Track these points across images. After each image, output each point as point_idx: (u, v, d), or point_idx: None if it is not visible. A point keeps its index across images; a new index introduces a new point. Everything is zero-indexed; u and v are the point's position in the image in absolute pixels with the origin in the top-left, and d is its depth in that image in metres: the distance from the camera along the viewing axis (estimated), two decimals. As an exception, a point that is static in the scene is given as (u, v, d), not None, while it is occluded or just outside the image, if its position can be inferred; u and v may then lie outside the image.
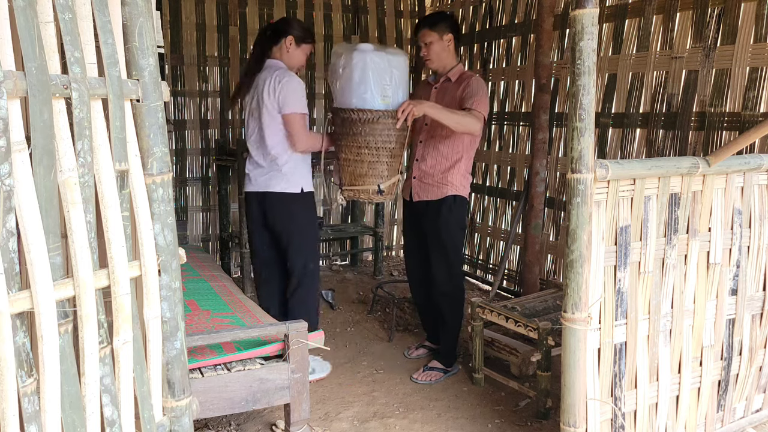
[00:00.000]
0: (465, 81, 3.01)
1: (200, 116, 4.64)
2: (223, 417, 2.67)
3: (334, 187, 2.97)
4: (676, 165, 2.10)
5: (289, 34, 2.94)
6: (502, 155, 4.44)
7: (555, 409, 2.61)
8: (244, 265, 4.16)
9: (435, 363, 3.17)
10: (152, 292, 1.41)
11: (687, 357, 2.25)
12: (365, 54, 2.73)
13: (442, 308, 3.13)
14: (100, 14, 1.25)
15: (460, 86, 3.00)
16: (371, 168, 2.78)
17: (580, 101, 1.82)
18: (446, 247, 3.05)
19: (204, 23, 4.53)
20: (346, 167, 2.84)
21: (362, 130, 2.72)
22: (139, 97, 1.36)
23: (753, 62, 2.78)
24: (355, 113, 2.71)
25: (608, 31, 3.50)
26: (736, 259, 2.33)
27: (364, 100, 2.71)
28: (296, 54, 2.98)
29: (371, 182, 2.80)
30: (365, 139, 2.73)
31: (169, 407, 1.49)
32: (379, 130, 2.72)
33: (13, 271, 1.08)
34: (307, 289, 3.01)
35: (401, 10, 5.30)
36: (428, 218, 3.08)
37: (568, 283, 1.92)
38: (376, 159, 2.77)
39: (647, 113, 3.29)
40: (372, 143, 2.74)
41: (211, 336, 2.23)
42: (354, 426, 2.67)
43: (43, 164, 1.12)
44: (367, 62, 2.72)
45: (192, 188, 4.70)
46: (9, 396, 1.08)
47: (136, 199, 1.36)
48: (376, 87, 2.72)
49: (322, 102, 5.06)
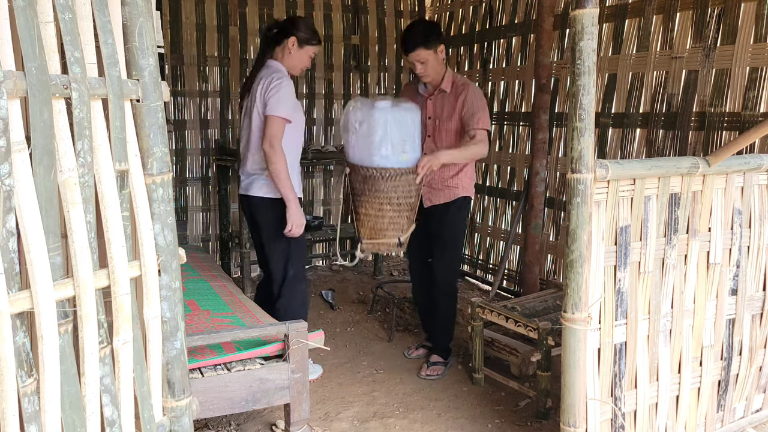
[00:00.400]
0: (461, 92, 2.98)
1: (200, 116, 4.64)
2: (223, 417, 2.67)
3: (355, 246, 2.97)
4: (676, 165, 2.09)
5: (292, 35, 2.88)
6: (502, 155, 4.44)
7: (555, 409, 2.61)
8: (244, 265, 4.16)
9: (436, 358, 3.22)
10: (152, 292, 1.41)
11: (687, 357, 2.25)
12: (386, 112, 2.75)
13: (442, 304, 3.17)
14: (100, 14, 1.25)
15: (458, 97, 2.98)
16: (392, 222, 2.83)
17: (580, 101, 1.82)
18: (453, 244, 3.12)
19: (204, 23, 4.53)
20: (365, 222, 2.86)
21: (384, 187, 2.76)
22: (139, 97, 1.36)
23: (753, 62, 2.78)
24: (378, 171, 2.74)
25: (608, 31, 3.50)
26: (736, 259, 2.33)
27: (386, 158, 2.75)
28: (298, 55, 2.91)
29: (392, 236, 2.85)
30: (387, 196, 2.77)
31: (169, 407, 1.49)
32: (401, 187, 2.78)
33: (13, 271, 1.08)
34: (288, 299, 2.94)
35: (401, 10, 5.30)
36: (435, 219, 3.12)
37: (568, 283, 1.92)
38: (398, 213, 2.82)
39: (647, 113, 3.29)
40: (394, 199, 2.79)
41: (211, 336, 2.23)
42: (354, 426, 2.67)
43: (43, 164, 1.12)
44: (389, 120, 2.74)
45: (192, 188, 4.70)
46: (9, 396, 1.08)
47: (136, 199, 1.36)
48: (397, 145, 2.76)
49: (322, 102, 5.07)
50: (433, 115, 3.06)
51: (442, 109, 3.04)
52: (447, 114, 3.01)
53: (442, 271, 3.12)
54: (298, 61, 2.93)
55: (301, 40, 2.89)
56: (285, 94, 2.77)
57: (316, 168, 5.09)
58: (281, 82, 2.78)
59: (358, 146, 2.81)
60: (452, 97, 3.01)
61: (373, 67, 5.24)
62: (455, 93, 3.00)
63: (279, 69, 2.87)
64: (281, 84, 2.77)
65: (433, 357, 3.24)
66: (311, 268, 5.19)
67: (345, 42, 5.08)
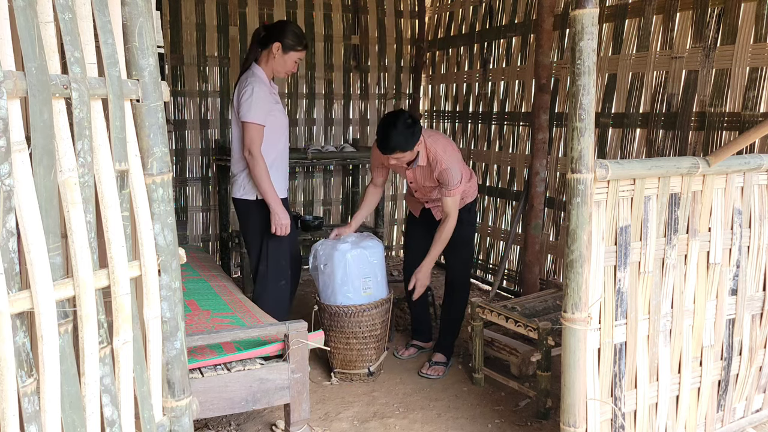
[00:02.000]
0: (436, 166, 3.00)
1: (200, 116, 4.64)
2: (223, 417, 2.67)
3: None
4: (676, 165, 2.09)
5: (277, 41, 2.93)
6: (502, 155, 4.44)
7: (555, 409, 2.61)
8: (244, 265, 4.16)
9: (440, 357, 3.23)
10: (152, 292, 1.41)
11: (687, 357, 2.25)
12: (345, 254, 2.97)
13: (456, 303, 3.24)
14: (100, 14, 1.25)
15: (434, 169, 3.02)
16: (360, 355, 3.06)
17: (580, 101, 1.82)
18: (468, 242, 3.26)
19: (204, 23, 4.53)
20: (336, 354, 3.08)
21: (349, 323, 2.99)
22: (139, 97, 1.36)
23: (753, 62, 2.77)
24: (341, 309, 2.98)
25: (608, 31, 3.50)
26: (736, 259, 2.33)
27: (348, 297, 3.00)
28: (282, 60, 2.97)
29: (361, 367, 3.07)
30: (352, 331, 3.01)
31: (169, 407, 1.49)
32: (365, 322, 3.01)
33: (13, 271, 1.08)
34: (258, 295, 3.04)
35: (401, 10, 5.30)
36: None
37: (568, 283, 1.92)
38: (365, 346, 3.05)
39: (647, 113, 3.29)
40: (359, 334, 3.02)
41: (211, 336, 2.22)
42: (354, 426, 2.67)
43: (43, 164, 1.12)
44: (348, 261, 2.97)
45: (192, 188, 4.70)
46: (9, 396, 1.08)
47: (136, 199, 1.36)
48: (358, 283, 3.00)
49: (322, 102, 5.06)
50: (414, 180, 3.16)
51: (422, 176, 3.11)
52: (426, 178, 3.10)
53: (460, 268, 3.25)
54: (281, 66, 2.99)
55: (286, 46, 2.95)
56: (255, 99, 2.84)
57: (316, 168, 5.09)
58: (250, 88, 2.85)
59: (324, 285, 3.05)
60: (428, 168, 3.05)
61: (373, 67, 5.25)
62: (430, 167, 3.04)
63: (254, 74, 2.93)
64: (250, 89, 2.85)
65: (436, 356, 3.24)
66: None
67: (345, 42, 5.08)
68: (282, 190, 3.03)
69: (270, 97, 2.93)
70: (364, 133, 5.29)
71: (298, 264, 3.30)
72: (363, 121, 5.29)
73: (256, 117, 2.83)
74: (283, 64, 2.97)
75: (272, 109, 2.93)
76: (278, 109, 2.99)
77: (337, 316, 2.99)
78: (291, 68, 3.01)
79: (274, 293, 3.06)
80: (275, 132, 2.96)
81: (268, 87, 2.94)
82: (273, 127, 2.94)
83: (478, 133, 4.71)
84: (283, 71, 3.00)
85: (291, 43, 2.95)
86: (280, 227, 2.93)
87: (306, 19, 4.87)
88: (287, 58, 2.96)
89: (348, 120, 5.22)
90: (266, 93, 2.90)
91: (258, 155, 2.84)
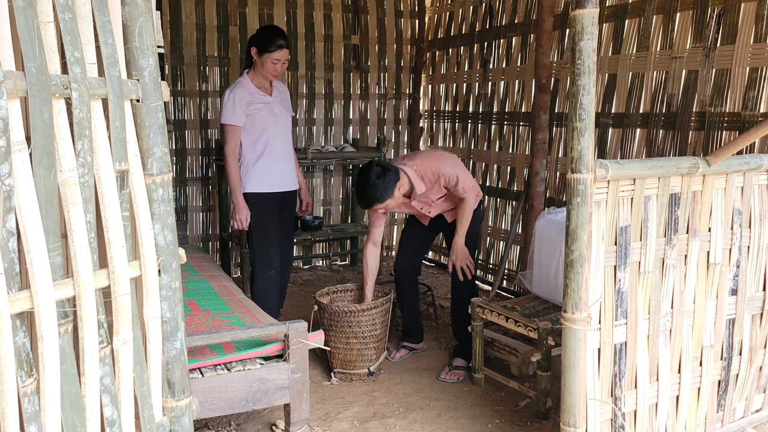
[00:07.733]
0: (437, 180, 2.99)
1: (200, 116, 4.64)
2: (223, 417, 2.67)
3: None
4: (676, 165, 2.09)
5: (253, 45, 3.07)
6: (502, 155, 4.44)
7: (555, 409, 2.61)
8: (244, 265, 4.16)
9: (460, 361, 3.19)
10: (152, 292, 1.41)
11: (687, 357, 2.25)
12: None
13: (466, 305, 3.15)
14: (100, 14, 1.25)
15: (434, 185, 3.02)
16: (360, 354, 3.05)
17: (580, 101, 1.82)
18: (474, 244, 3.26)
19: (204, 23, 4.53)
20: (336, 354, 3.07)
21: (348, 322, 2.98)
22: (139, 97, 1.36)
23: (753, 62, 2.77)
24: (341, 308, 2.98)
25: (608, 31, 3.50)
26: (736, 259, 2.33)
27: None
28: (261, 63, 3.07)
29: (361, 367, 3.07)
30: (353, 331, 2.99)
31: (169, 407, 1.49)
32: (365, 322, 2.99)
33: (13, 271, 1.08)
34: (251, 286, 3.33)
35: (401, 10, 5.30)
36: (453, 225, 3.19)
37: (568, 283, 1.92)
38: (365, 346, 3.04)
39: (647, 113, 3.29)
40: (359, 334, 3.00)
41: (211, 336, 2.22)
42: (354, 426, 2.67)
43: (43, 164, 1.12)
44: None
45: (192, 188, 4.70)
46: (9, 396, 1.08)
47: (136, 199, 1.36)
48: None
49: (322, 102, 5.07)
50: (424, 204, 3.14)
51: (427, 198, 3.10)
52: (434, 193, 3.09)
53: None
54: (261, 69, 3.10)
55: (260, 48, 3.06)
56: (228, 103, 3.08)
57: (317, 168, 5.09)
58: (228, 93, 3.11)
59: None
60: (431, 189, 3.05)
61: (373, 67, 5.24)
62: (431, 186, 3.03)
63: (238, 80, 3.16)
64: (227, 94, 3.13)
65: (456, 360, 3.20)
66: (311, 268, 5.19)
67: (345, 42, 5.08)
68: (274, 184, 3.21)
69: (248, 98, 3.09)
70: (364, 133, 5.29)
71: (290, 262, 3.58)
72: (363, 121, 5.28)
73: (227, 118, 3.08)
74: (264, 66, 3.07)
75: (252, 108, 3.09)
76: (260, 107, 3.12)
77: (337, 316, 3.00)
78: (271, 70, 3.08)
79: (261, 283, 3.24)
80: (256, 128, 3.13)
81: (248, 90, 3.10)
82: (254, 124, 3.12)
83: (478, 133, 4.71)
84: (265, 74, 3.10)
85: (263, 45, 3.04)
86: (236, 221, 3.15)
87: (306, 19, 4.87)
88: (265, 60, 3.05)
89: (348, 120, 5.22)
90: (243, 95, 3.07)
91: (228, 153, 3.10)
